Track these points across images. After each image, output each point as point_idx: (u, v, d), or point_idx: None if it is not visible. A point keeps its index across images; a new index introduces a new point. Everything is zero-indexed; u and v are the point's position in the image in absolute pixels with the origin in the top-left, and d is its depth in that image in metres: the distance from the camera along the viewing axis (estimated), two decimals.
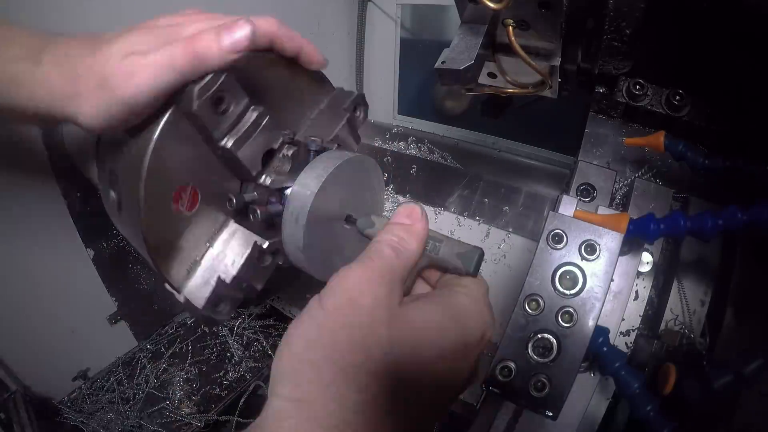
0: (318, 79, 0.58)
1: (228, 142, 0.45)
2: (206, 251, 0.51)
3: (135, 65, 0.37)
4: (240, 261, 0.50)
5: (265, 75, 0.50)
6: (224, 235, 0.53)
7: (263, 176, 0.50)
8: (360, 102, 0.59)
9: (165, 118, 0.42)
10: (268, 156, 0.50)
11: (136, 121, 0.41)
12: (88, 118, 0.39)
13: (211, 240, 0.52)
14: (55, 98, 0.39)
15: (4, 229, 0.71)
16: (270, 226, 0.54)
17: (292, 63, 0.51)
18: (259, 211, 0.49)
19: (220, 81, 0.42)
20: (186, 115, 0.42)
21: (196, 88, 0.40)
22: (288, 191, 0.51)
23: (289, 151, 0.51)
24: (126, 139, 0.45)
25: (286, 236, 0.48)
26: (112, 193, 0.49)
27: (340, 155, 0.50)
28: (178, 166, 0.45)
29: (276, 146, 0.50)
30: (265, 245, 0.51)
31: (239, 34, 0.40)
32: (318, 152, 0.52)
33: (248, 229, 0.53)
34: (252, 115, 0.46)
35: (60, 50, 0.39)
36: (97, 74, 0.38)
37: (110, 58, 0.38)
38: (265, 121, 0.47)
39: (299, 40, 0.48)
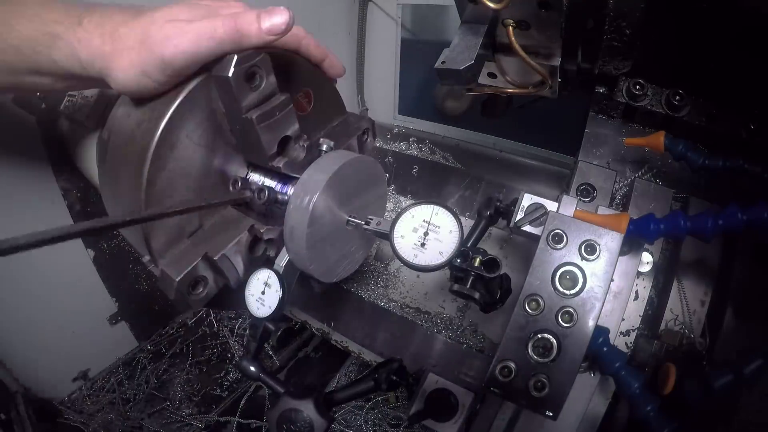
0: (335, 97, 0.61)
1: (253, 114, 0.46)
2: (197, 229, 0.51)
3: (177, 29, 0.40)
4: (232, 241, 0.50)
5: (292, 73, 0.52)
6: (219, 217, 0.52)
7: (277, 159, 0.51)
8: (370, 127, 0.63)
9: (195, 82, 0.44)
10: (283, 144, 0.51)
11: (164, 87, 0.43)
12: (121, 75, 0.41)
13: (204, 219, 0.51)
14: (94, 55, 0.41)
15: (3, 230, 0.72)
16: (267, 216, 0.54)
17: (315, 73, 0.54)
18: (267, 193, 0.50)
19: (258, 58, 0.44)
20: (218, 81, 0.44)
21: (236, 56, 0.43)
22: (290, 189, 0.51)
23: (305, 143, 0.53)
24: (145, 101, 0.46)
25: (290, 222, 0.48)
26: (105, 133, 0.49)
27: (346, 154, 0.51)
28: (191, 132, 0.46)
29: (292, 135, 0.51)
30: (263, 230, 0.51)
31: (278, 19, 0.43)
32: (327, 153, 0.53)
33: (245, 215, 0.53)
34: (279, 98, 0.48)
35: (101, 14, 0.42)
36: (138, 34, 0.40)
37: (154, 21, 0.40)
38: (288, 108, 0.49)
39: (324, 49, 0.53)
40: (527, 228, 0.53)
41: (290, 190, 0.52)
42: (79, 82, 0.46)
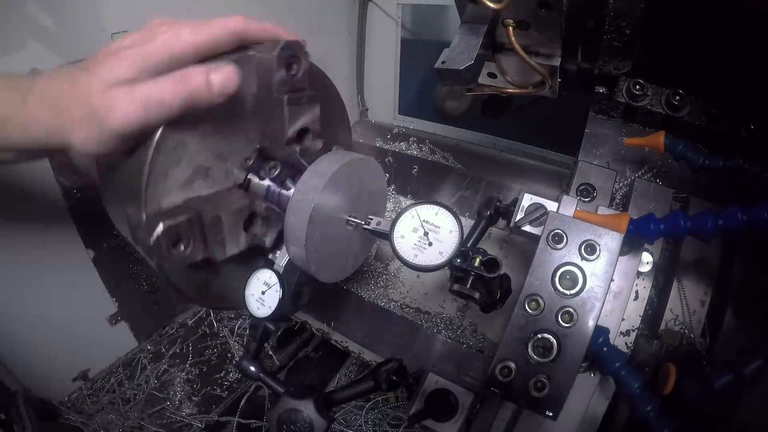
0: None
1: (284, 95, 0.48)
2: (194, 196, 0.48)
3: (120, 97, 0.37)
4: (229, 214, 0.49)
5: None
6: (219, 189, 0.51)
7: (294, 145, 0.52)
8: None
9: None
10: (300, 136, 0.53)
11: (135, 142, 0.41)
12: (82, 148, 0.39)
13: (209, 191, 0.50)
14: (48, 132, 0.39)
15: (3, 230, 0.71)
16: (269, 218, 0.54)
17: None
18: (280, 166, 0.52)
19: (301, 48, 0.48)
20: (259, 61, 0.46)
21: (284, 41, 0.45)
22: (291, 191, 0.51)
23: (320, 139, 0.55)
24: None
25: (290, 223, 0.49)
26: None
27: (343, 156, 0.51)
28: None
29: (311, 129, 0.53)
30: (263, 206, 0.51)
31: (228, 76, 0.41)
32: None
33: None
34: (308, 93, 0.51)
35: (41, 85, 0.40)
36: (81, 105, 0.38)
37: (92, 90, 0.38)
38: (315, 105, 0.52)
39: (271, 30, 0.47)
40: (527, 228, 0.53)
41: (292, 187, 0.52)
42: (42, 153, 0.44)
